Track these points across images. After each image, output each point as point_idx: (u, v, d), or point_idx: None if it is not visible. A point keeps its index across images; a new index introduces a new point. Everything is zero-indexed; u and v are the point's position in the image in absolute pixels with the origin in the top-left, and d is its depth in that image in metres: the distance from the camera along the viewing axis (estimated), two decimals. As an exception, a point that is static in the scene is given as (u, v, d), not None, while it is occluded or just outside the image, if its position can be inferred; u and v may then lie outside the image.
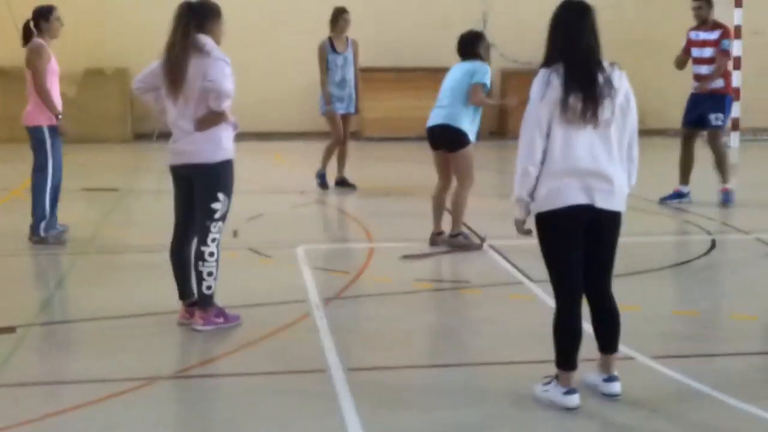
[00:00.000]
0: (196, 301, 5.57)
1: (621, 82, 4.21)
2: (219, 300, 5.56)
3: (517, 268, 6.90)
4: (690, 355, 5.11)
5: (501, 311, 5.95)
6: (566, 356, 4.32)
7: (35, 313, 5.98)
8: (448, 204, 7.66)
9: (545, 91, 4.11)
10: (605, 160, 4.18)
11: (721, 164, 9.47)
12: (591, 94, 4.09)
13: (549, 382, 4.43)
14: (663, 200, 9.56)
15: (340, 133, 10.37)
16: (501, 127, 15.99)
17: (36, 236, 7.64)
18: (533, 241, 4.41)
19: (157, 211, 9.39)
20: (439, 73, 15.52)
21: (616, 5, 16.14)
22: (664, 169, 10.89)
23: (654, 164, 13.50)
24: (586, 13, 4.21)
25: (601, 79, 4.12)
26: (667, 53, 16.47)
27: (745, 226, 8.46)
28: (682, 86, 16.18)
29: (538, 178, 4.18)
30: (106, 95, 15.18)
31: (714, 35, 9.36)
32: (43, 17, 7.60)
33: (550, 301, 5.93)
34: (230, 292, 5.82)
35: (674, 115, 16.51)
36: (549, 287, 6.19)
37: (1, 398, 4.54)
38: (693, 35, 9.66)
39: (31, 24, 7.62)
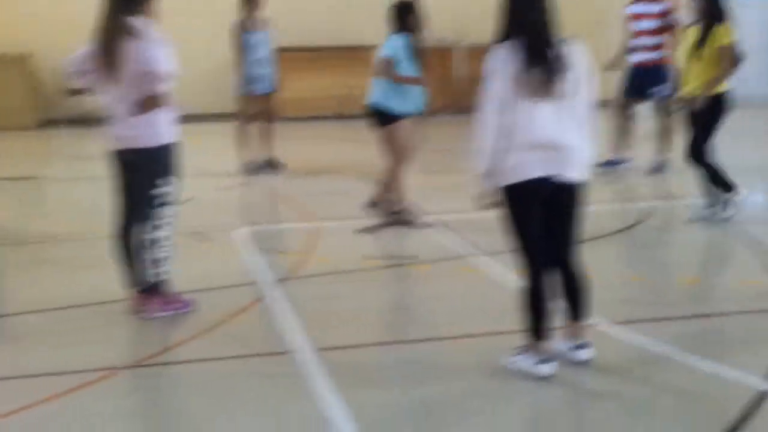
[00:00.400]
0: (147, 288, 5.43)
1: (578, 55, 4.25)
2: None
3: (464, 239, 6.95)
4: (648, 320, 5.21)
5: (455, 285, 5.97)
6: (535, 325, 4.36)
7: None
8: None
9: (501, 66, 4.14)
10: (564, 132, 4.22)
11: (664, 134, 9.70)
12: (547, 68, 4.12)
13: (520, 353, 4.47)
14: (600, 166, 9.70)
15: (249, 115, 10.18)
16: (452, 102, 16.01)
17: None
18: (477, 214, 4.43)
19: (79, 198, 9.14)
20: (355, 51, 15.73)
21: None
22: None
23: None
24: None
25: (555, 53, 4.16)
26: (571, 32, 16.86)
27: (679, 193, 8.70)
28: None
29: (504, 152, 4.19)
30: (7, 81, 14.60)
31: (657, 7, 9.51)
32: None
33: (502, 273, 6.07)
34: (177, 278, 5.66)
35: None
36: (499, 259, 6.39)
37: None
38: (631, 9, 9.77)
39: None
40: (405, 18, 7.49)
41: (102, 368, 4.60)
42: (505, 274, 6.08)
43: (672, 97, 9.13)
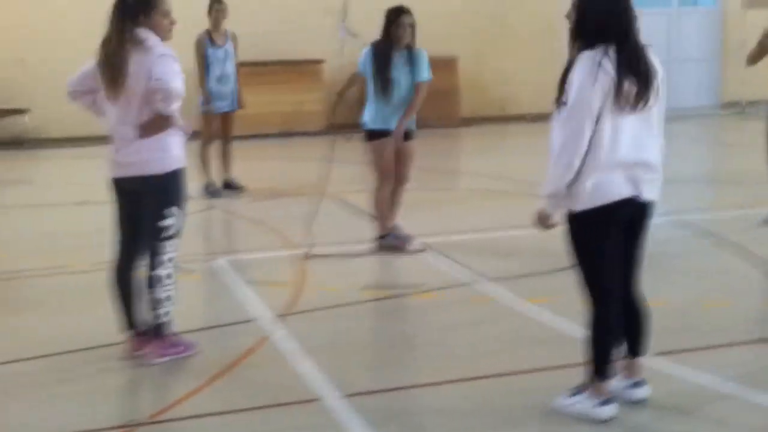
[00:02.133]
0: (146, 330, 4.92)
1: (658, 63, 3.93)
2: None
3: (461, 265, 6.60)
4: (688, 349, 4.92)
5: (470, 316, 5.61)
6: (604, 364, 4.02)
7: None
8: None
9: (597, 75, 3.73)
10: (649, 147, 3.89)
11: None
12: (644, 79, 3.78)
13: (577, 393, 4.12)
14: None
15: (211, 134, 9.69)
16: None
17: None
18: (469, 236, 4.07)
19: (42, 227, 8.48)
20: (296, 66, 15.28)
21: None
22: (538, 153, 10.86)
23: (526, 150, 13.64)
24: None
25: (646, 59, 3.83)
26: (519, 39, 16.79)
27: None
28: (536, 73, 16.56)
29: (581, 171, 3.82)
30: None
31: None
32: None
33: (514, 301, 5.75)
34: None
35: (529, 101, 16.87)
36: (506, 285, 6.07)
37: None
38: None
39: None
40: (386, 27, 7.14)
41: (107, 428, 4.08)
42: (515, 301, 5.77)
43: None
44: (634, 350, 4.17)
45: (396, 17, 7.09)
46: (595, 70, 3.74)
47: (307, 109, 14.89)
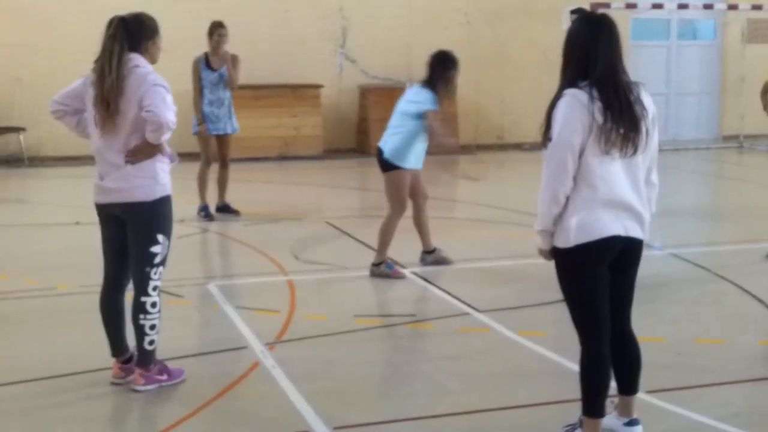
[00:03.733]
0: (131, 356, 4.84)
1: (649, 102, 3.87)
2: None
3: (453, 296, 6.54)
4: (683, 387, 4.85)
5: (463, 348, 5.53)
6: (594, 401, 3.92)
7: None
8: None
9: (579, 115, 3.68)
10: (633, 188, 3.83)
11: None
12: (630, 121, 3.70)
13: (571, 430, 4.05)
14: None
15: (209, 156, 9.66)
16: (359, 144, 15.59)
17: None
18: (464, 266, 3.98)
19: (33, 247, 8.40)
20: (297, 89, 15.28)
21: (468, 24, 16.20)
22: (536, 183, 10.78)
23: (524, 179, 13.61)
24: (608, 27, 3.82)
25: (634, 101, 3.75)
26: (518, 69, 16.81)
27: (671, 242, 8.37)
28: (535, 102, 16.57)
29: (566, 208, 3.78)
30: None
31: None
32: None
33: (506, 333, 5.68)
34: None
35: (527, 130, 16.86)
36: (501, 316, 6.00)
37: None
38: None
39: None
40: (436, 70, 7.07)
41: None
42: (509, 333, 5.71)
43: None
44: (627, 389, 4.09)
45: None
46: (578, 110, 3.68)
47: (305, 133, 14.88)
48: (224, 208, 9.78)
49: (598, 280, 3.84)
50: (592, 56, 3.74)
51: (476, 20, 16.24)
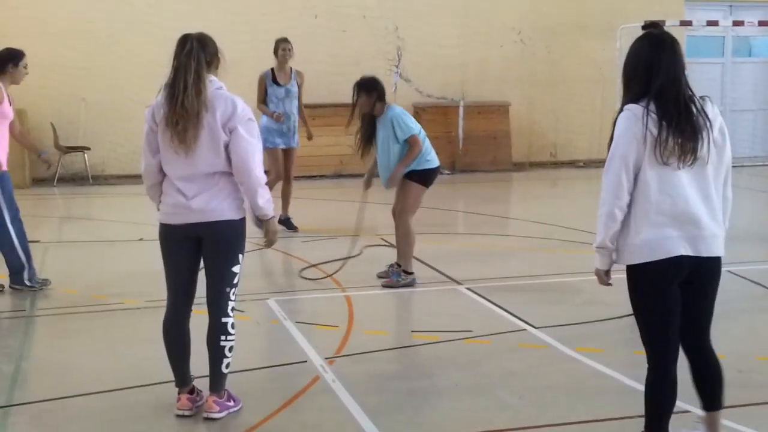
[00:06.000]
0: (194, 387, 4.86)
1: (715, 114, 3.90)
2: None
3: (509, 312, 6.61)
4: (744, 404, 4.83)
5: (521, 363, 5.59)
6: (658, 421, 3.95)
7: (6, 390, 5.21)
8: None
9: (633, 128, 3.74)
10: (703, 203, 3.83)
11: None
12: (690, 132, 3.75)
13: (637, 448, 4.08)
14: None
15: (279, 168, 9.90)
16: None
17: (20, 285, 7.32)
18: (518, 282, 4.01)
19: (90, 264, 8.64)
20: (351, 109, 15.40)
21: (521, 42, 16.26)
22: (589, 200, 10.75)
23: (577, 196, 13.61)
24: (670, 43, 3.86)
25: (695, 112, 3.79)
26: (572, 87, 16.82)
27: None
28: (589, 119, 16.57)
29: (630, 225, 3.83)
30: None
31: None
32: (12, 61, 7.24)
33: (563, 350, 5.73)
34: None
35: (581, 147, 16.86)
36: (557, 333, 6.05)
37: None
38: None
39: None
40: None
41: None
42: (566, 349, 5.76)
43: None
44: (709, 405, 4.06)
45: None
46: (632, 123, 3.74)
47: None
48: (286, 222, 10.02)
49: (665, 299, 3.84)
50: (655, 72, 3.78)
51: (530, 38, 16.31)
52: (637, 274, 3.86)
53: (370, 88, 7.49)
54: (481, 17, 16.04)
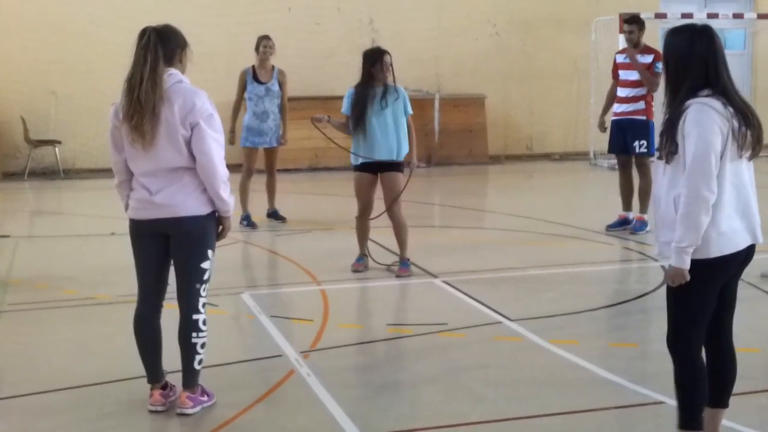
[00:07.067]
0: (167, 382, 4.78)
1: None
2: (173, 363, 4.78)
3: (484, 305, 6.59)
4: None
5: (496, 356, 5.57)
6: (694, 414, 3.87)
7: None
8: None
9: (717, 120, 3.66)
10: (753, 190, 3.85)
11: (645, 192, 9.32)
12: (756, 125, 3.75)
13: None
14: (609, 228, 9.34)
15: (251, 166, 9.81)
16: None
17: None
18: (494, 275, 3.98)
19: (61, 258, 8.54)
20: (327, 101, 15.36)
21: (497, 35, 16.26)
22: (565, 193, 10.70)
23: (553, 189, 13.63)
24: (717, 38, 3.84)
25: (751, 106, 3.80)
26: (548, 80, 16.84)
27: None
28: (564, 112, 16.60)
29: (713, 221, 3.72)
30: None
31: (647, 59, 9.29)
32: None
33: (538, 342, 5.71)
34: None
35: (557, 140, 16.90)
36: (532, 325, 6.04)
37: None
38: (620, 58, 9.58)
39: None
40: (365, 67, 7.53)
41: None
42: (541, 342, 5.74)
43: (651, 154, 8.89)
44: (720, 401, 3.97)
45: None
46: (716, 117, 3.67)
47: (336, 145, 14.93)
48: (273, 215, 10.03)
49: (713, 291, 3.80)
50: (712, 66, 3.74)
51: (505, 31, 16.31)
52: (709, 268, 3.74)
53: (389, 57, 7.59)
54: (456, 10, 16.02)
